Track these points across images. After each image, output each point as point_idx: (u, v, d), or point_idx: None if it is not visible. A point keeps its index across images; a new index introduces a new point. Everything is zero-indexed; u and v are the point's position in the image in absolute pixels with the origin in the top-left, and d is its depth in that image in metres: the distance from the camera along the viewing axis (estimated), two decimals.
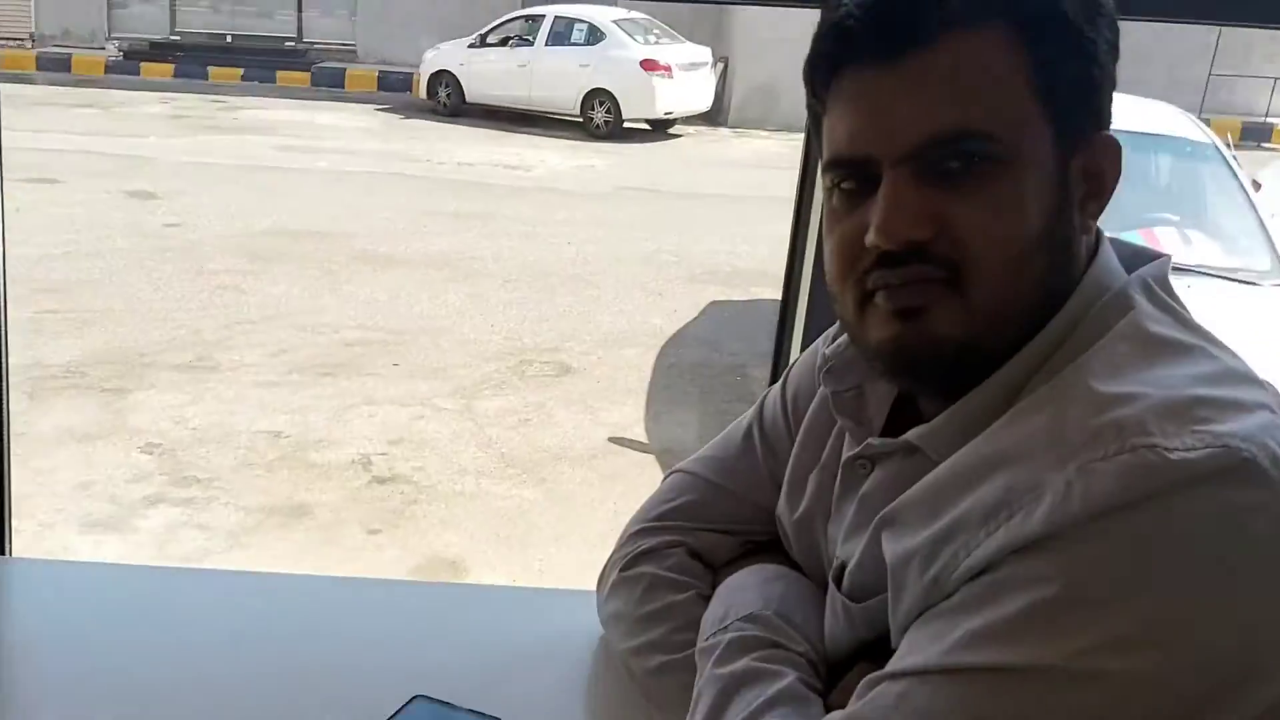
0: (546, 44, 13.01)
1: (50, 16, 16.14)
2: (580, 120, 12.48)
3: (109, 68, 14.92)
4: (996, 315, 0.72)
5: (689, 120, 12.97)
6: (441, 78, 13.24)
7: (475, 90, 13.07)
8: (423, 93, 13.43)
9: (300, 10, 16.53)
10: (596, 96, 12.42)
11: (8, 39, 15.68)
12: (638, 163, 11.20)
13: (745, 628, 0.86)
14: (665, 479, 1.07)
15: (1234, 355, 0.72)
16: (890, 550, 0.74)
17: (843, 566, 0.83)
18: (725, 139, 12.77)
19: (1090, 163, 0.75)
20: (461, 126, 12.52)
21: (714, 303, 6.47)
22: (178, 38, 16.34)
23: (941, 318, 0.72)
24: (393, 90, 14.29)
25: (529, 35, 13.26)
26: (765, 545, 0.99)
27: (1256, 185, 5.53)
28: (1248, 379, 0.70)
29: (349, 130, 11.96)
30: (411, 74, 13.84)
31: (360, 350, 5.52)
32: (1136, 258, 0.78)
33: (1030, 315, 0.73)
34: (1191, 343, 0.72)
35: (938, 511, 0.71)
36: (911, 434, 0.78)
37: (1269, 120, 12.80)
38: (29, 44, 15.83)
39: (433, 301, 6.35)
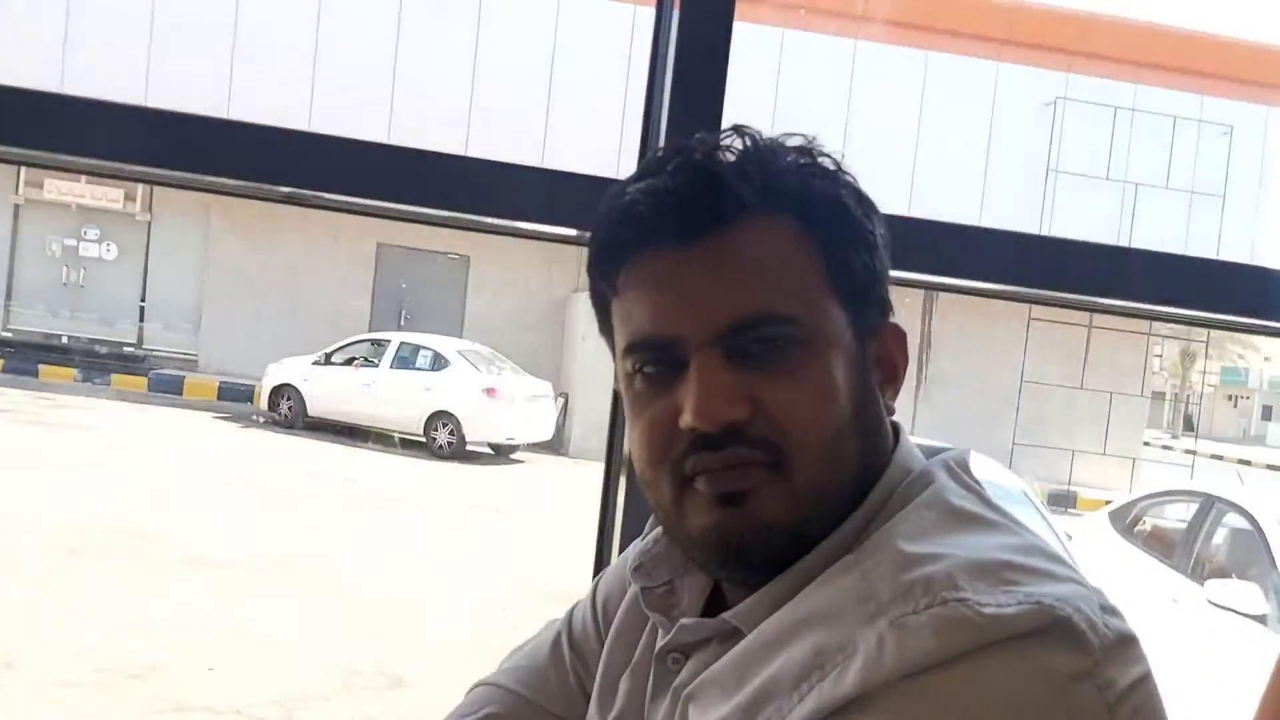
0: (391, 366, 13.24)
1: None
2: (424, 440, 12.55)
3: None
4: (819, 498, 0.70)
5: (531, 448, 13.19)
6: (284, 391, 13.21)
7: (318, 405, 13.05)
8: (264, 404, 13.31)
9: (142, 320, 16.47)
10: (440, 419, 12.56)
11: None
12: (481, 482, 11.20)
13: None
14: (469, 692, 0.96)
15: (1038, 536, 0.71)
16: None
17: None
18: (566, 466, 12.98)
19: (883, 349, 0.76)
20: (302, 438, 12.38)
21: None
22: (9, 334, 15.97)
23: (767, 502, 0.70)
24: (233, 400, 14.10)
25: (374, 358, 13.51)
26: None
27: (1069, 537, 5.93)
28: (1054, 556, 0.68)
29: (183, 435, 11.66)
30: (254, 385, 13.77)
31: (174, 653, 5.13)
32: (937, 451, 0.79)
33: (847, 497, 0.72)
34: (996, 519, 0.71)
35: (744, 680, 0.67)
36: (727, 613, 0.73)
37: (1072, 488, 13.73)
38: None
39: (257, 607, 6.01)
